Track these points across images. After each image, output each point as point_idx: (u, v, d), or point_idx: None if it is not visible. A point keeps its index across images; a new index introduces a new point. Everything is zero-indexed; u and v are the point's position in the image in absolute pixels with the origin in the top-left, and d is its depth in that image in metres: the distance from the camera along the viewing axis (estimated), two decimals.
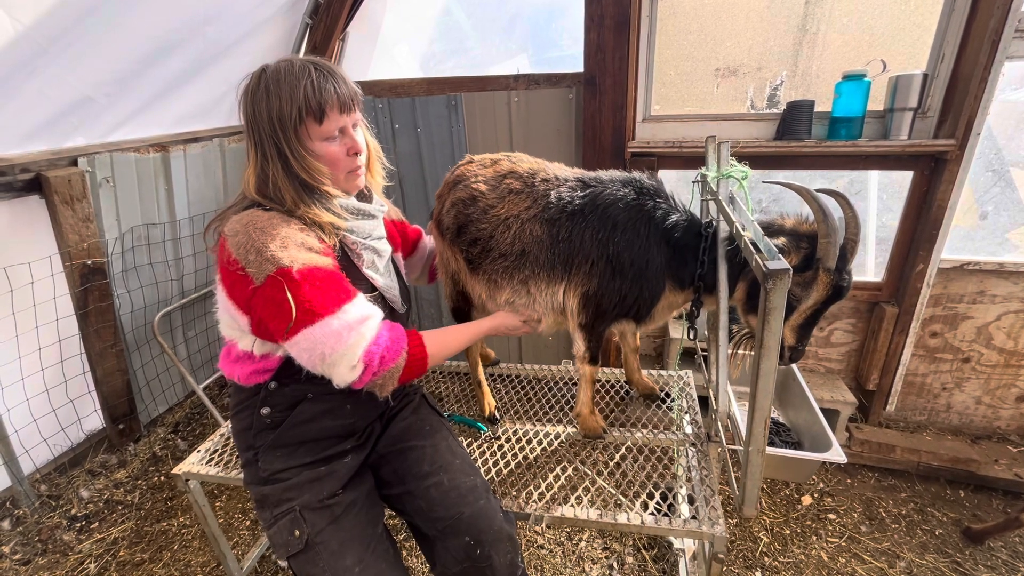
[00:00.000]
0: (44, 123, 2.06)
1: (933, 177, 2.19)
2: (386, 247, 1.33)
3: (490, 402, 1.79)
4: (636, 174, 1.46)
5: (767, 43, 2.28)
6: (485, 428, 1.68)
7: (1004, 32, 1.88)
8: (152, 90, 2.35)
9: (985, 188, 2.30)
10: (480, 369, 1.80)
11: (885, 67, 2.16)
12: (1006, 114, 2.20)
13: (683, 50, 2.38)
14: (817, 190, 1.17)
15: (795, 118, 2.22)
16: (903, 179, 2.28)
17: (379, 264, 1.30)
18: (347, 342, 1.06)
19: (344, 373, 1.08)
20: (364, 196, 1.31)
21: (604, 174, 1.47)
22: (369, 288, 1.27)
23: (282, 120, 1.07)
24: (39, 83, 1.92)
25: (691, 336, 1.50)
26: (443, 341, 1.28)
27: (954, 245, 2.35)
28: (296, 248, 1.06)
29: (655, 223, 1.37)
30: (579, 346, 1.51)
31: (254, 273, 1.04)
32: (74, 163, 2.18)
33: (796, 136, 2.24)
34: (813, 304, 1.25)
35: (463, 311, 1.72)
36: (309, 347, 1.06)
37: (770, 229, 1.29)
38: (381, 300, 1.32)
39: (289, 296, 1.03)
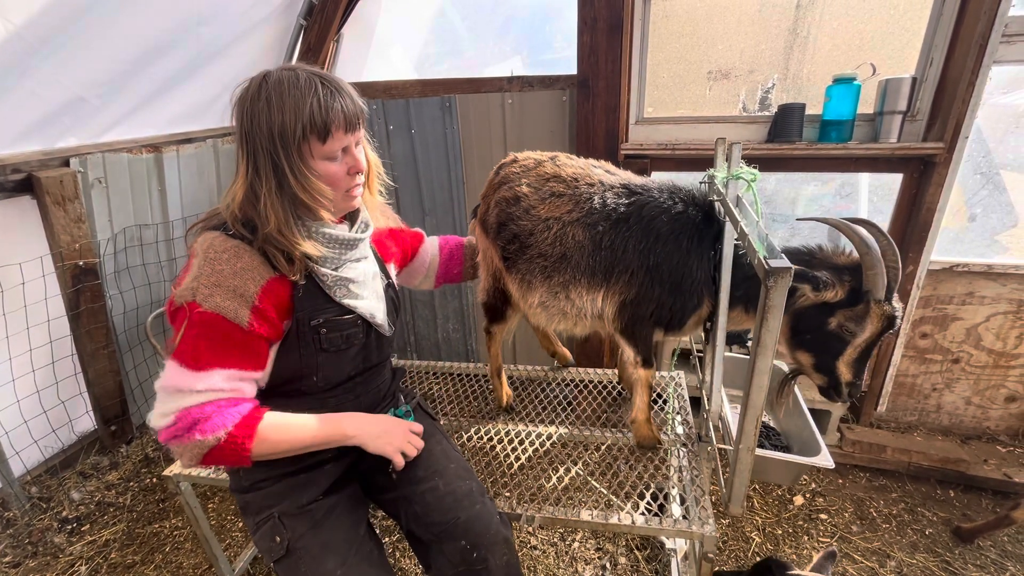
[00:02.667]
0: (36, 123, 2.05)
1: (922, 180, 2.21)
2: (365, 269, 1.25)
3: (508, 392, 1.83)
4: (685, 185, 1.46)
5: (759, 46, 2.30)
6: (402, 412, 1.59)
7: (991, 37, 1.90)
8: (145, 91, 2.35)
9: (974, 191, 2.33)
10: (500, 362, 1.83)
11: (875, 71, 2.18)
12: (996, 117, 2.22)
13: (676, 53, 2.40)
14: (847, 219, 1.18)
15: (786, 121, 2.23)
16: (893, 181, 2.31)
17: (358, 290, 1.21)
18: (182, 399, 1.02)
19: (155, 417, 1.04)
20: (350, 217, 1.24)
21: (652, 183, 1.46)
22: (346, 311, 1.19)
23: (284, 135, 1.00)
24: (31, 83, 1.91)
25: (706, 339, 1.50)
26: (281, 435, 1.11)
27: (943, 247, 2.37)
28: (224, 292, 1.02)
29: (698, 237, 1.37)
30: (628, 352, 1.51)
31: (180, 292, 1.03)
32: (66, 163, 2.17)
33: (787, 138, 2.26)
34: (868, 338, 1.24)
35: (497, 308, 1.73)
36: (163, 376, 1.04)
37: (810, 262, 1.30)
38: (365, 324, 1.24)
39: (182, 328, 1.02)
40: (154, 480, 2.48)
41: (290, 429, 1.13)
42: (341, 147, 1.08)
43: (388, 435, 1.26)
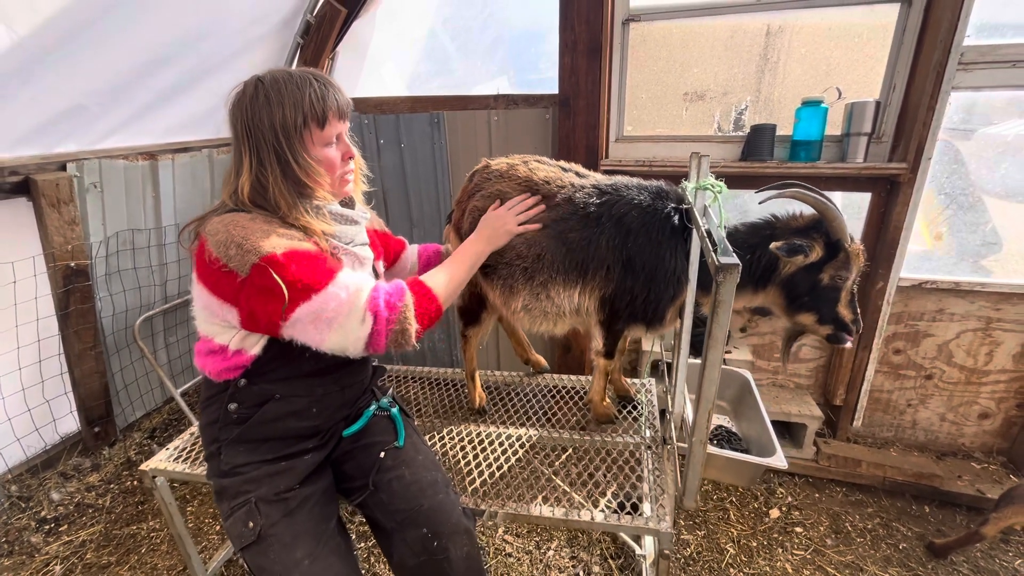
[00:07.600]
0: (36, 128, 2.12)
1: (889, 199, 2.28)
2: (368, 253, 1.36)
3: (481, 395, 1.88)
4: (654, 181, 1.53)
5: (732, 70, 2.40)
6: (386, 404, 1.55)
7: (948, 65, 2.00)
8: (144, 101, 2.43)
9: (939, 210, 2.40)
10: (475, 365, 1.88)
11: (840, 94, 2.28)
12: (983, 145, 2.29)
13: (653, 75, 2.50)
14: (780, 185, 1.33)
15: (759, 141, 2.33)
16: (863, 200, 2.38)
17: (364, 270, 1.32)
18: (349, 299, 1.10)
19: (356, 330, 1.10)
20: (346, 203, 1.35)
21: (621, 180, 1.53)
22: None
23: (285, 126, 1.12)
24: (33, 90, 1.99)
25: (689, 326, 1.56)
26: (440, 277, 1.30)
27: (915, 264, 2.43)
28: (278, 237, 1.09)
29: (670, 228, 1.43)
30: (597, 342, 1.62)
31: (238, 266, 1.06)
32: (63, 168, 2.24)
33: (759, 157, 2.34)
34: (855, 277, 1.40)
35: (473, 312, 1.79)
36: (312, 319, 1.08)
37: (772, 234, 1.41)
38: None
39: (278, 278, 1.05)
40: (135, 483, 2.49)
41: (438, 270, 1.33)
42: (335, 133, 1.21)
43: (502, 224, 1.47)
